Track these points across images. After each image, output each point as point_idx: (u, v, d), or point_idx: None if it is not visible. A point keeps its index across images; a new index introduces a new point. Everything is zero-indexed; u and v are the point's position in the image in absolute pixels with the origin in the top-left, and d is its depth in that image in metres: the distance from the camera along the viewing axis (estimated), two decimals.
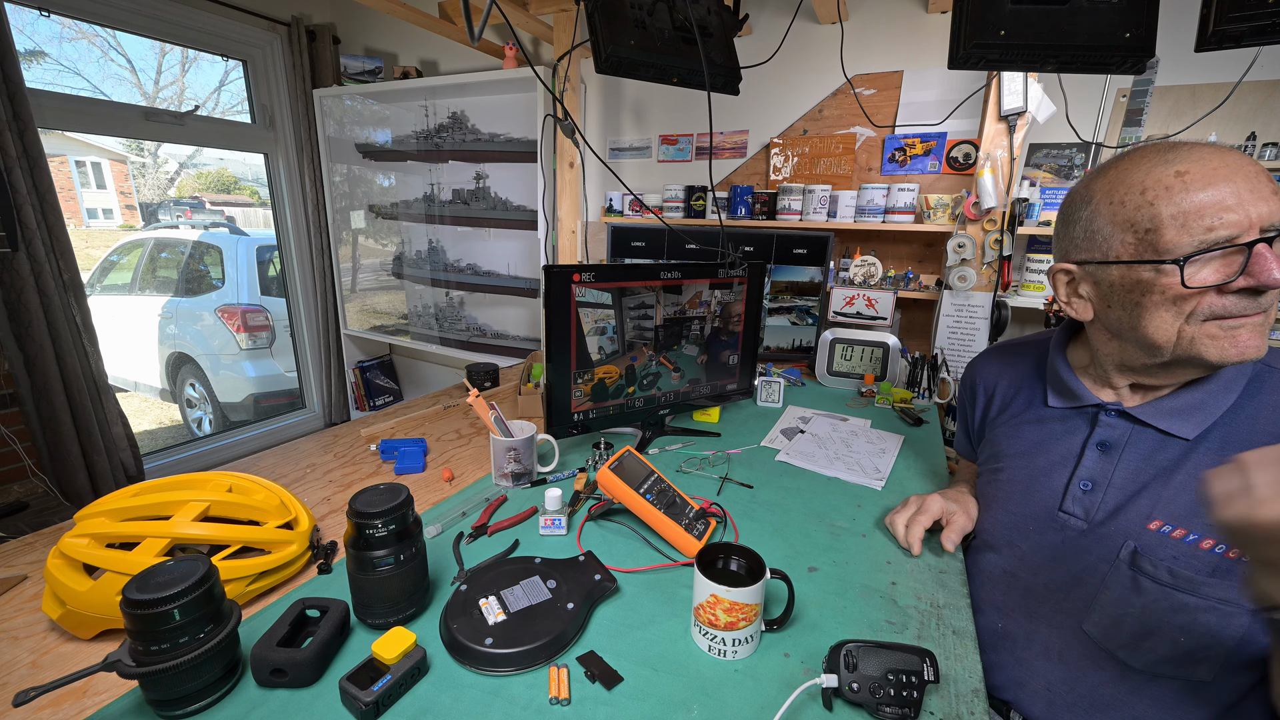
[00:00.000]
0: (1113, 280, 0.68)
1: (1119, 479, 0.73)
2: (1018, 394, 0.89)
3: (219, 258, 3.37)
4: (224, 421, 3.30)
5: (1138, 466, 0.72)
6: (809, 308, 1.76)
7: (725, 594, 0.62)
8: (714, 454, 1.18)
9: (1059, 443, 0.80)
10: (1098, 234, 0.69)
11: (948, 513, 0.87)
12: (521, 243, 2.52)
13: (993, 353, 0.98)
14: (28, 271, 1.88)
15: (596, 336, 1.11)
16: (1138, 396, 0.76)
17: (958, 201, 1.80)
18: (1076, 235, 0.72)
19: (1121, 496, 0.72)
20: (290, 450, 1.21)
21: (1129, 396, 0.76)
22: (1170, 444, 0.71)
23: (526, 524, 0.92)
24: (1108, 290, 0.70)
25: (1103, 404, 0.77)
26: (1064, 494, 0.76)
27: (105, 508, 0.71)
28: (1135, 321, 0.68)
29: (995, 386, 0.93)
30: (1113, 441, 0.75)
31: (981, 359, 0.99)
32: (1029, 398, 0.87)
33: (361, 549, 0.64)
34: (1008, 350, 0.96)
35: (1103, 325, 0.74)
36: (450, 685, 0.60)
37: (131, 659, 0.54)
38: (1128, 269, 0.66)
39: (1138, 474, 0.72)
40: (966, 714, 0.58)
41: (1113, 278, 0.68)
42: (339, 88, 2.73)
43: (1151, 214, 0.63)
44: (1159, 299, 0.65)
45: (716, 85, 1.10)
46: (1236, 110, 1.57)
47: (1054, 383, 0.83)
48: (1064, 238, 0.75)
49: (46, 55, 2.37)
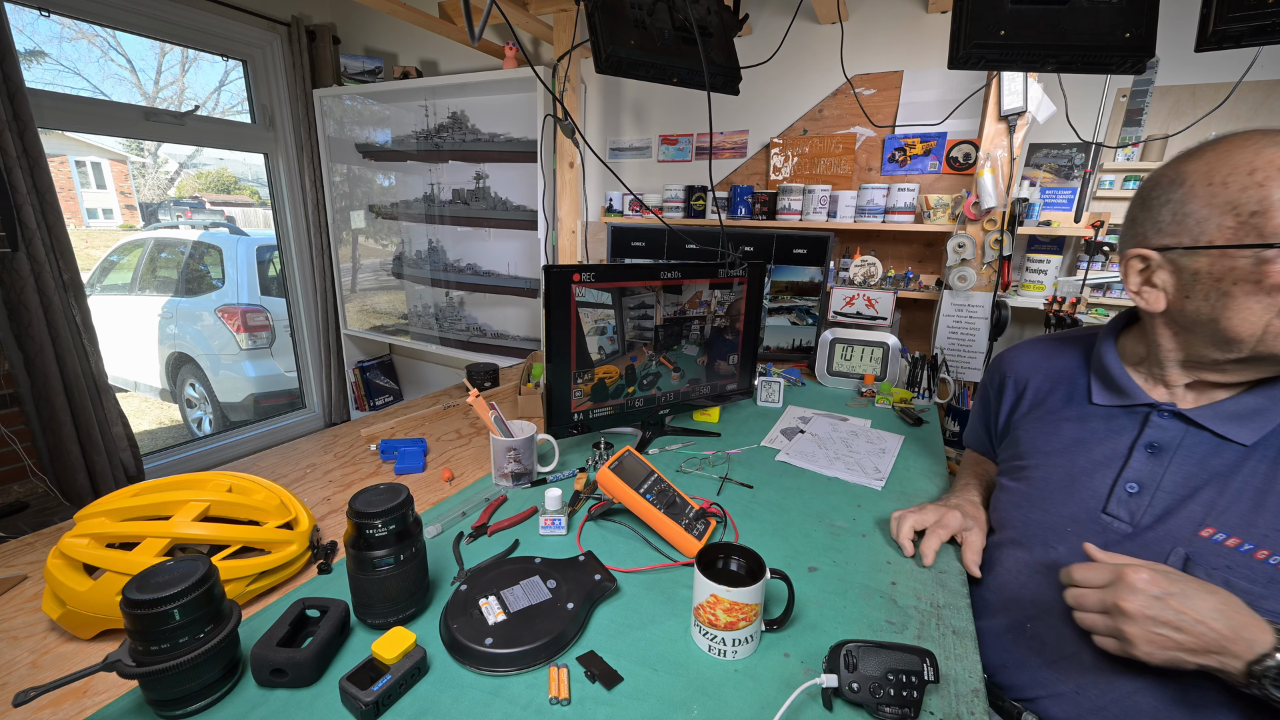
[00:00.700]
0: (1198, 268, 0.65)
1: (1169, 483, 0.70)
2: (1054, 390, 0.86)
3: (219, 258, 3.37)
4: (224, 421, 3.30)
5: (1190, 471, 0.69)
6: (809, 308, 1.76)
7: (725, 594, 0.62)
8: (714, 454, 1.18)
9: (1103, 442, 0.77)
10: (1189, 217, 0.65)
11: (964, 529, 0.86)
12: (521, 243, 2.52)
13: (1028, 346, 0.95)
14: (28, 271, 1.88)
15: (596, 336, 1.11)
16: (1194, 397, 0.73)
17: (958, 201, 1.80)
18: (1161, 219, 0.68)
19: (1171, 501, 0.69)
20: (290, 450, 1.21)
21: (1184, 397, 0.73)
22: (1226, 449, 0.68)
23: (526, 524, 0.92)
24: (1190, 278, 0.66)
25: (1155, 404, 0.74)
26: (1108, 496, 0.74)
27: (105, 508, 0.71)
28: (1218, 313, 0.64)
29: (1028, 381, 0.90)
30: (1164, 444, 0.72)
31: (1014, 352, 0.96)
32: (1068, 394, 0.84)
33: (361, 549, 0.64)
34: (1045, 344, 0.93)
35: (1173, 317, 0.70)
36: (450, 685, 0.60)
37: (131, 659, 0.54)
38: (1221, 255, 0.63)
39: (1189, 478, 0.69)
40: (966, 714, 0.58)
41: (1199, 265, 0.65)
42: (339, 88, 2.73)
43: (1260, 196, 0.60)
44: (1251, 289, 0.61)
45: (716, 85, 1.09)
46: (1236, 110, 1.57)
47: (1102, 379, 0.80)
48: (1143, 222, 0.71)
49: (46, 55, 2.37)
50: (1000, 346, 1.96)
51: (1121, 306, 1.79)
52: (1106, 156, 1.73)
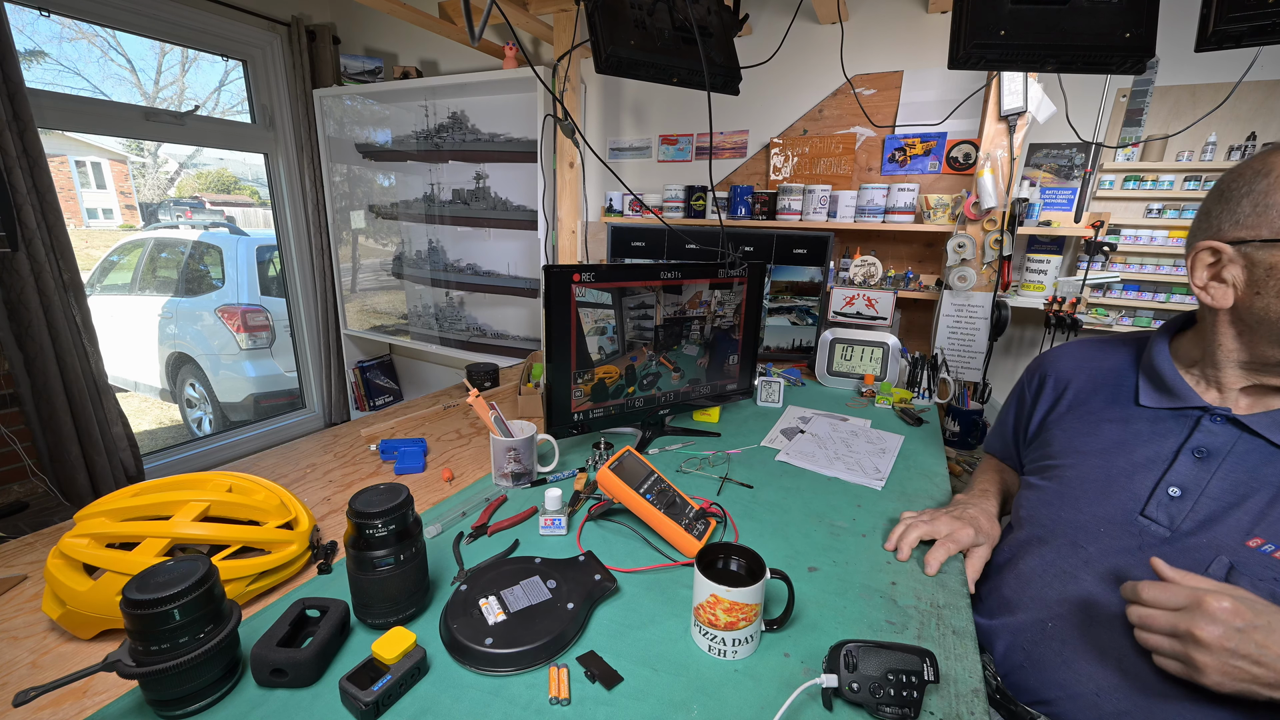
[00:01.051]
0: (1275, 262, 0.64)
1: (1215, 489, 0.68)
2: (1097, 391, 0.85)
3: (219, 258, 3.37)
4: (224, 421, 3.30)
5: (1239, 479, 0.68)
6: (809, 308, 1.76)
7: (725, 594, 0.62)
8: (714, 454, 1.18)
9: (1146, 445, 0.75)
10: (1272, 208, 0.64)
11: (974, 545, 0.85)
12: (521, 243, 2.52)
13: (1074, 346, 0.94)
14: (28, 271, 1.88)
15: (596, 336, 1.11)
16: (1249, 402, 0.71)
17: (958, 201, 1.80)
18: (1240, 210, 0.67)
19: (1216, 507, 0.67)
20: (290, 450, 1.21)
21: (1239, 401, 0.72)
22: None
23: (526, 524, 0.92)
24: (1264, 273, 0.65)
25: (1208, 407, 0.72)
26: (1148, 498, 0.72)
27: (105, 508, 0.71)
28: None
29: (1070, 382, 0.89)
30: (1213, 449, 0.70)
31: (1058, 353, 0.94)
32: (1112, 395, 0.83)
33: (361, 549, 0.64)
34: (1092, 345, 0.92)
35: (1240, 315, 0.69)
36: (450, 685, 0.60)
37: (131, 659, 0.54)
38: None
39: (1238, 486, 0.67)
40: (966, 714, 0.58)
41: (1276, 259, 0.64)
42: (339, 88, 2.73)
43: None
44: None
45: (716, 85, 1.09)
46: (1236, 110, 1.57)
47: (1152, 379, 0.78)
48: (1218, 215, 0.70)
49: (46, 55, 2.37)
50: (1000, 346, 1.96)
51: (1121, 307, 1.79)
52: (1106, 156, 1.73)
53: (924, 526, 0.86)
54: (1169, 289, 1.73)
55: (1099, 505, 0.76)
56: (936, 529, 0.85)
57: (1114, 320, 1.79)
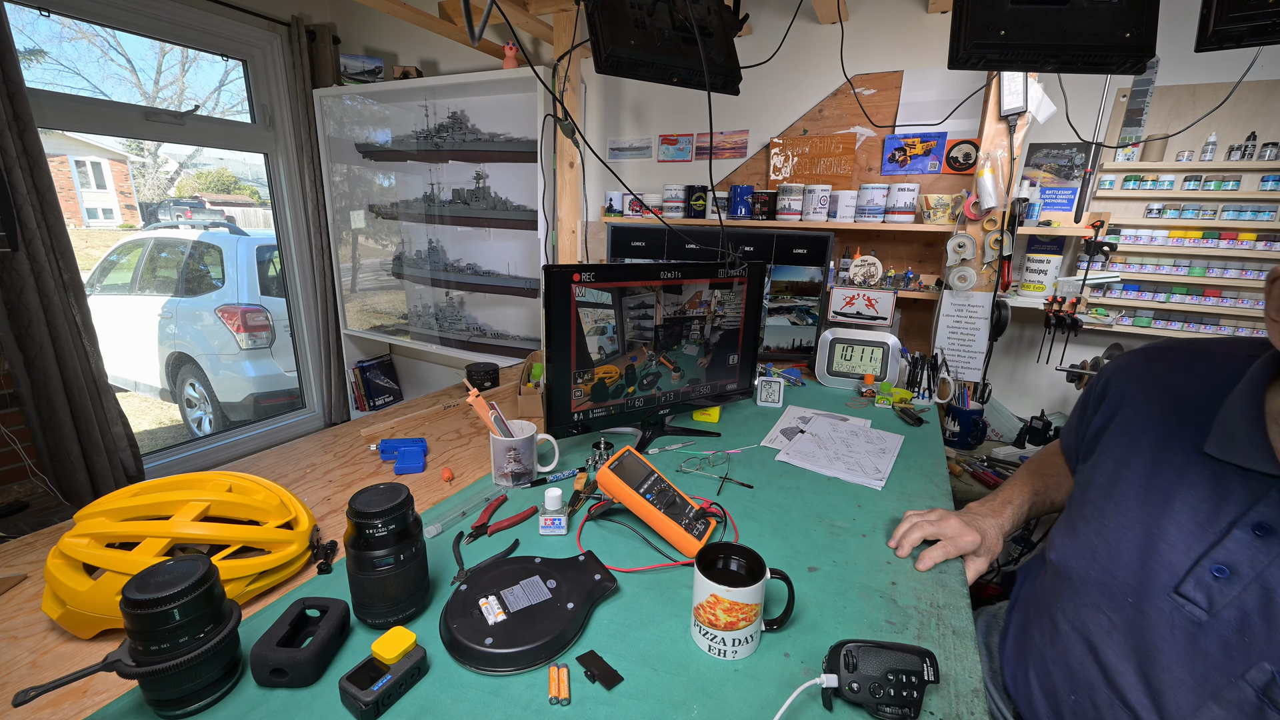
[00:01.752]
0: None
1: (1274, 577, 0.56)
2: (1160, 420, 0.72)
3: (219, 258, 3.37)
4: (224, 421, 3.30)
5: None
6: (809, 308, 1.76)
7: (725, 594, 0.62)
8: (714, 454, 1.18)
9: (1198, 505, 0.62)
10: None
11: (974, 555, 0.84)
12: (521, 243, 2.52)
13: (1149, 355, 0.79)
14: (28, 271, 1.88)
15: (596, 336, 1.11)
16: None
17: (958, 201, 1.80)
18: None
19: (1270, 601, 0.56)
20: (290, 450, 1.21)
21: None
22: None
23: (526, 524, 0.92)
24: None
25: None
26: (1187, 573, 0.60)
27: (105, 508, 0.71)
28: None
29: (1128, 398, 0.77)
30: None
31: (1130, 362, 0.80)
32: (1175, 428, 0.68)
33: (361, 549, 0.64)
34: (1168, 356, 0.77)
35: None
36: (450, 685, 0.60)
37: (131, 659, 0.54)
38: None
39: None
40: (966, 714, 0.58)
41: None
42: (339, 88, 2.73)
43: None
44: None
45: (716, 85, 1.09)
46: (1236, 110, 1.57)
47: (1228, 427, 0.63)
48: None
49: (46, 55, 2.37)
50: (1000, 346, 1.96)
51: (1121, 307, 1.79)
52: (1106, 156, 1.73)
53: (929, 527, 0.85)
54: (1169, 289, 1.73)
55: (1129, 571, 0.66)
56: (944, 529, 0.84)
57: (1114, 320, 1.79)
